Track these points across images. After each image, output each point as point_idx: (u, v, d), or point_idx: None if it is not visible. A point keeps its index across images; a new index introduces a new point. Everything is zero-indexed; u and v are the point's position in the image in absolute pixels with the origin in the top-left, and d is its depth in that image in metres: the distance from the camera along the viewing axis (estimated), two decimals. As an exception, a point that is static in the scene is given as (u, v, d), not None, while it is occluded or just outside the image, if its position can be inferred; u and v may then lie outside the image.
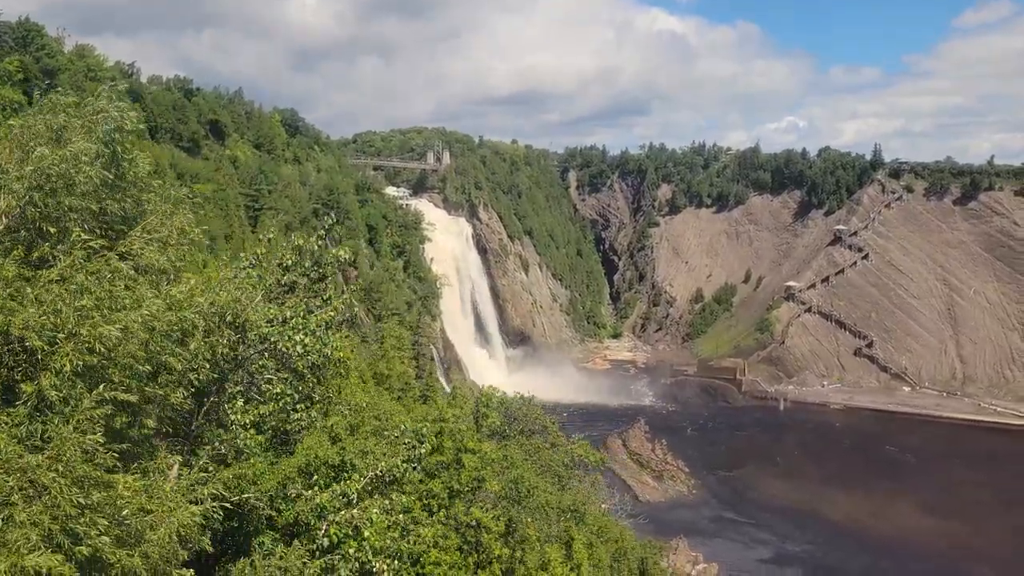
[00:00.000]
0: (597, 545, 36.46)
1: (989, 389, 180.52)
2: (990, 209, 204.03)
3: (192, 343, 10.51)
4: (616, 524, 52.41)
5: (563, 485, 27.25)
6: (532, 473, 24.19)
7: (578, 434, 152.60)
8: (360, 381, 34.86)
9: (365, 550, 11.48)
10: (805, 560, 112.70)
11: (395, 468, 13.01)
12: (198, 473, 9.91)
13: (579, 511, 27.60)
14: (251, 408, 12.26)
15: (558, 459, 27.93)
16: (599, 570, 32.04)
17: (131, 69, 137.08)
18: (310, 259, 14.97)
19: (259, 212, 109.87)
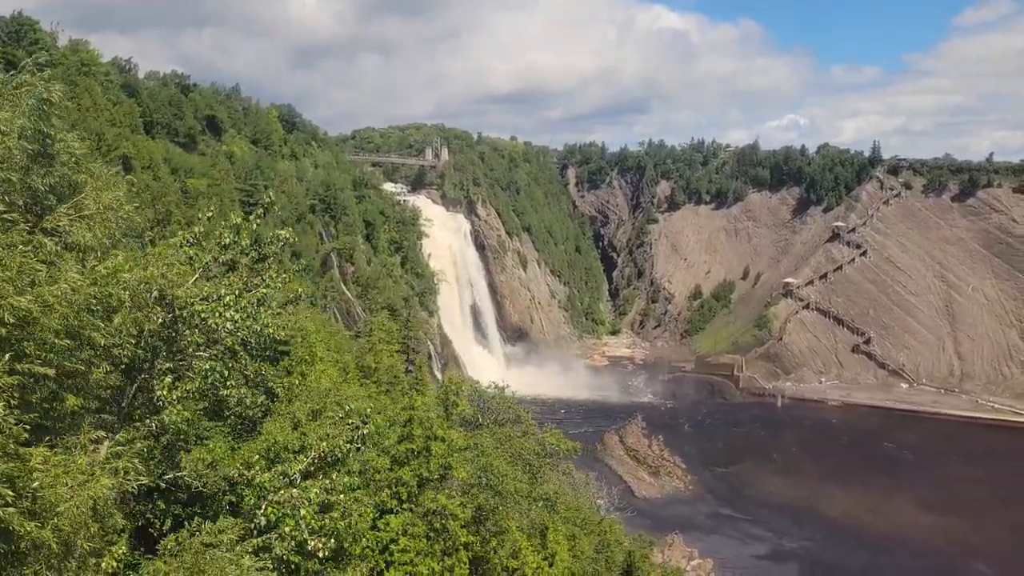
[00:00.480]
0: (580, 537, 36.52)
1: (987, 386, 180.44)
2: (988, 206, 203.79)
3: (117, 319, 10.42)
4: (606, 517, 52.45)
5: (534, 474, 27.22)
6: (502, 461, 24.17)
7: (576, 429, 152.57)
8: (342, 371, 34.82)
9: (301, 529, 11.44)
10: (801, 556, 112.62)
11: (337, 449, 12.96)
12: (115, 447, 9.82)
13: (551, 500, 27.54)
14: (179, 385, 12.18)
15: (529, 448, 27.89)
16: (579, 561, 32.04)
17: (128, 65, 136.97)
18: (248, 238, 14.82)
19: (254, 207, 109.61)
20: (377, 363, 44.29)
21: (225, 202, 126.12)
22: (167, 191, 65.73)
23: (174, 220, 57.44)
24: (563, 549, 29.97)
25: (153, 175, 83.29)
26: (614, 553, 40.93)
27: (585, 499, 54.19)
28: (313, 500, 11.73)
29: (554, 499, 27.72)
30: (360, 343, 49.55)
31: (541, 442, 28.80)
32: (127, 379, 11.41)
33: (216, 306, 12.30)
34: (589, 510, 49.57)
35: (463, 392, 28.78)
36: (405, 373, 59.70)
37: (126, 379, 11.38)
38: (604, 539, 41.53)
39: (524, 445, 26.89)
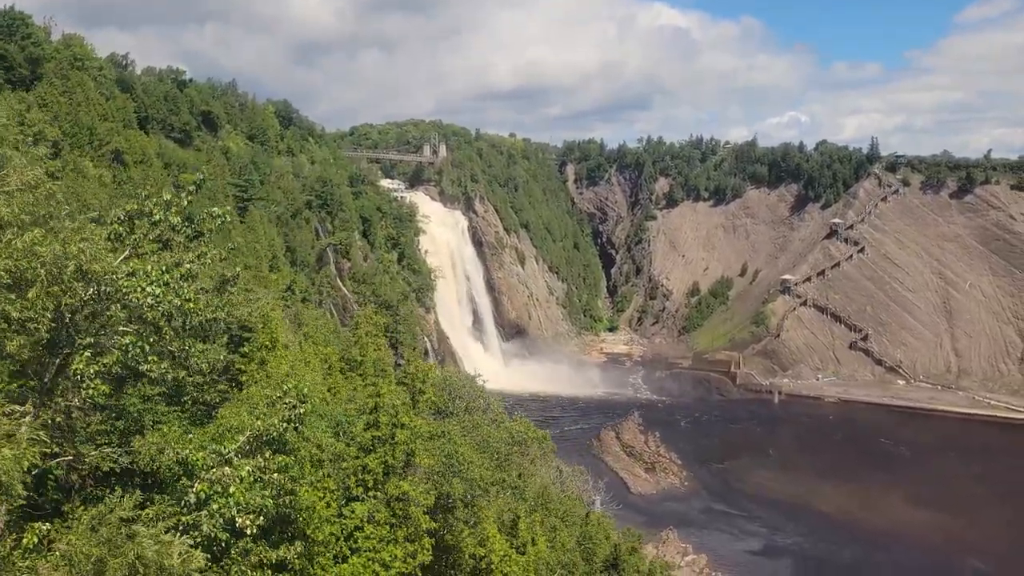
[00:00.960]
0: (561, 529, 36.57)
1: (984, 383, 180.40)
2: (986, 203, 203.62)
3: (32, 292, 10.43)
4: (592, 511, 52.52)
5: (501, 462, 27.22)
6: (469, 449, 24.21)
7: (572, 426, 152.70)
8: (323, 365, 34.80)
9: (230, 506, 11.46)
10: (795, 552, 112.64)
11: (272, 428, 12.96)
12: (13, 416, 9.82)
13: (519, 488, 27.57)
14: (98, 359, 12.18)
15: (497, 436, 27.87)
16: (557, 551, 32.08)
17: (125, 60, 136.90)
18: (179, 215, 14.78)
19: (248, 202, 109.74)
20: (363, 356, 44.15)
21: (166, 182, 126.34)
22: (146, 182, 65.61)
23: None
24: (541, 539, 30.01)
25: (145, 170, 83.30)
26: (596, 545, 40.93)
27: (572, 492, 54.17)
28: (245, 478, 11.76)
29: (523, 487, 27.73)
30: (345, 336, 49.53)
31: (510, 430, 28.77)
32: (49, 354, 11.43)
33: (139, 281, 12.29)
34: (573, 502, 49.55)
35: (429, 380, 28.83)
36: (395, 367, 59.83)
37: (48, 354, 11.40)
38: (586, 531, 41.58)
39: (492, 433, 26.91)
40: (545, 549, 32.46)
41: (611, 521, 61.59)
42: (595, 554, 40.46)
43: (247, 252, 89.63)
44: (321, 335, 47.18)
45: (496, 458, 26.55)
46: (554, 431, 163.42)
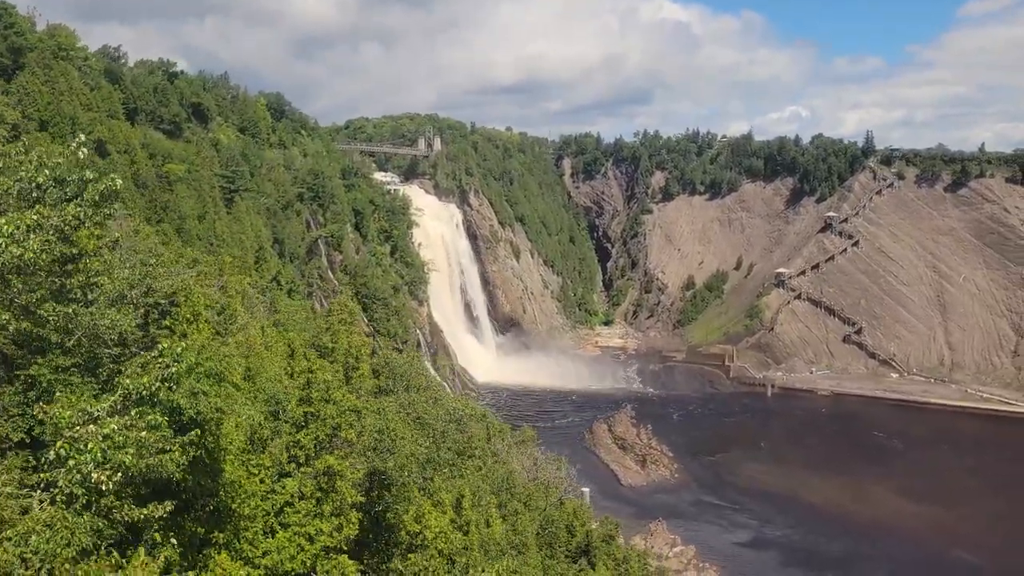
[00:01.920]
0: (523, 513, 36.61)
1: (977, 376, 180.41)
2: (981, 196, 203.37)
3: None
4: (567, 498, 52.58)
5: (439, 441, 27.21)
6: (404, 426, 24.19)
7: (565, 419, 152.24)
8: (286, 350, 34.72)
9: (86, 463, 11.45)
10: (784, 544, 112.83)
11: (142, 387, 12.93)
12: None
13: (457, 465, 27.58)
14: None
15: (434, 413, 27.84)
16: (517, 533, 32.09)
17: (116, 53, 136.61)
18: (47, 174, 14.63)
19: (235, 193, 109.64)
20: (335, 343, 44.07)
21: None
22: (114, 167, 65.49)
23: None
24: (496, 521, 30.06)
25: (130, 160, 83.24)
26: (559, 531, 41.01)
27: (546, 479, 54.23)
28: (111, 436, 11.74)
29: (461, 465, 27.76)
30: (318, 323, 49.54)
31: (447, 408, 28.73)
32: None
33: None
34: (541, 489, 49.56)
35: (363, 357, 28.78)
36: (371, 355, 59.78)
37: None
38: (550, 516, 41.71)
39: (428, 410, 26.89)
40: (500, 530, 32.57)
41: (589, 510, 61.62)
42: (558, 539, 40.62)
43: (231, 243, 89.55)
44: (294, 322, 47.15)
45: (431, 435, 26.51)
46: (547, 424, 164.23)
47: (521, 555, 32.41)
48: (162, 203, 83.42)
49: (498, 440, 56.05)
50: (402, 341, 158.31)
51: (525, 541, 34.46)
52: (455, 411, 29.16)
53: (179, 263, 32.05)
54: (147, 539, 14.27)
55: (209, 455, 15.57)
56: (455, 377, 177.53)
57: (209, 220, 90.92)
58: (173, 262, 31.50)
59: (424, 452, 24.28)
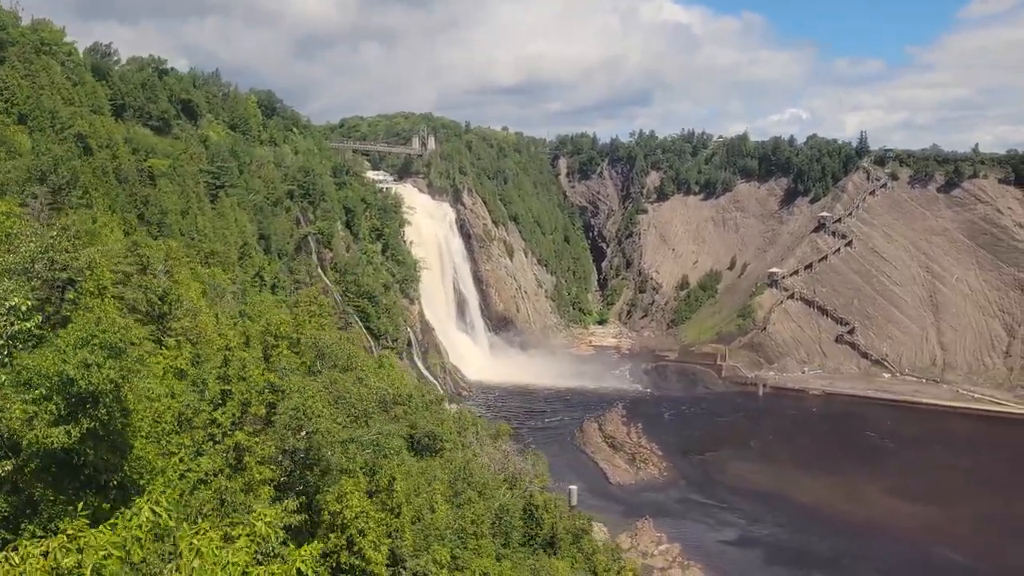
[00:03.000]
0: (476, 501, 36.59)
1: (968, 376, 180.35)
2: (974, 197, 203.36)
3: None
4: (541, 493, 52.51)
5: (358, 418, 27.11)
6: (322, 404, 24.14)
7: (556, 418, 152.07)
8: (242, 335, 34.70)
9: None
10: (771, 542, 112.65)
11: None
12: None
13: (381, 446, 27.54)
14: None
15: (356, 392, 27.74)
16: (471, 521, 32.03)
17: (107, 49, 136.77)
18: None
19: (220, 189, 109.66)
20: (299, 334, 44.11)
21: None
22: (70, 155, 65.38)
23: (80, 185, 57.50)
24: (442, 506, 30.06)
25: (112, 154, 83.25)
26: (513, 520, 41.01)
27: (515, 471, 54.15)
28: None
29: (385, 446, 27.72)
30: (283, 314, 49.51)
31: (373, 388, 28.66)
32: None
33: None
34: (499, 479, 49.51)
35: (283, 336, 28.73)
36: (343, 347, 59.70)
37: None
38: (504, 504, 41.72)
39: (350, 389, 26.87)
40: (445, 516, 32.64)
41: (563, 505, 61.56)
42: (515, 528, 40.64)
43: (214, 238, 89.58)
44: (258, 312, 47.16)
45: (352, 414, 26.42)
46: (536, 422, 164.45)
47: (464, 541, 32.40)
48: (142, 197, 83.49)
49: (471, 432, 56.02)
50: (392, 339, 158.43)
51: (479, 530, 34.46)
52: (382, 393, 29.00)
53: (115, 245, 32.05)
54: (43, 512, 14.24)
55: (105, 428, 15.50)
56: (446, 375, 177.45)
57: (192, 215, 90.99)
58: (103, 242, 31.51)
59: (341, 431, 24.23)
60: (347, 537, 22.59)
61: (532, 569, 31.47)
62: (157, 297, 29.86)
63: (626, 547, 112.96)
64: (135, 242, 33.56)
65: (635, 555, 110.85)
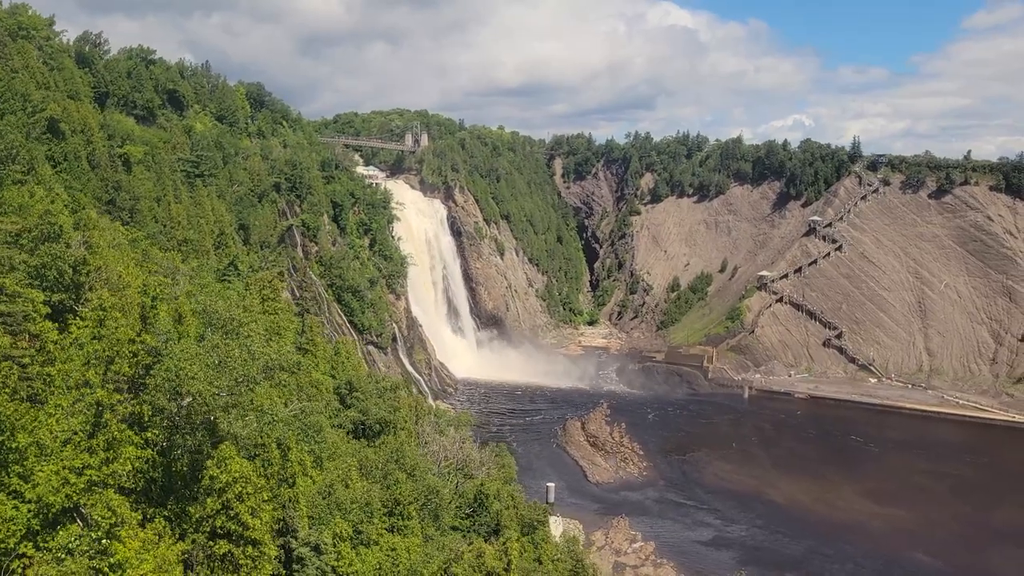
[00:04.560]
0: (404, 482, 36.63)
1: (955, 382, 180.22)
2: (965, 203, 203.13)
3: None
4: (485, 479, 52.47)
5: (240, 383, 27.08)
6: (200, 368, 24.14)
7: (538, 416, 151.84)
8: (174, 312, 34.70)
9: None
10: (744, 542, 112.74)
11: None
12: None
13: (264, 411, 27.55)
14: None
15: (238, 356, 27.65)
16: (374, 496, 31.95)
17: (97, 39, 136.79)
18: None
19: (199, 178, 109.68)
20: (248, 317, 44.24)
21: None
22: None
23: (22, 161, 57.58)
24: (357, 482, 30.06)
25: (86, 140, 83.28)
26: (443, 503, 41.09)
27: (464, 457, 54.14)
28: None
29: (273, 413, 27.72)
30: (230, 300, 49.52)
31: (255, 354, 28.66)
32: None
33: None
34: (439, 462, 49.57)
35: (161, 299, 28.73)
36: (300, 333, 59.97)
37: None
38: (433, 487, 41.77)
39: (232, 354, 26.85)
40: (361, 491, 32.73)
41: (520, 496, 61.58)
42: (444, 509, 40.71)
43: (187, 225, 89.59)
44: (205, 294, 47.26)
45: (233, 378, 26.34)
46: (520, 420, 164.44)
47: (371, 516, 32.46)
48: (113, 182, 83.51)
49: (426, 421, 56.03)
50: (377, 334, 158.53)
51: (404, 510, 34.51)
52: (267, 359, 28.91)
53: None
54: None
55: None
56: (431, 372, 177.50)
57: (166, 203, 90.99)
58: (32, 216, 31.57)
59: (218, 395, 24.21)
60: (223, 501, 22.66)
61: (440, 546, 31.48)
62: (69, 267, 29.89)
63: (600, 544, 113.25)
64: (48, 211, 33.53)
65: (608, 552, 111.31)
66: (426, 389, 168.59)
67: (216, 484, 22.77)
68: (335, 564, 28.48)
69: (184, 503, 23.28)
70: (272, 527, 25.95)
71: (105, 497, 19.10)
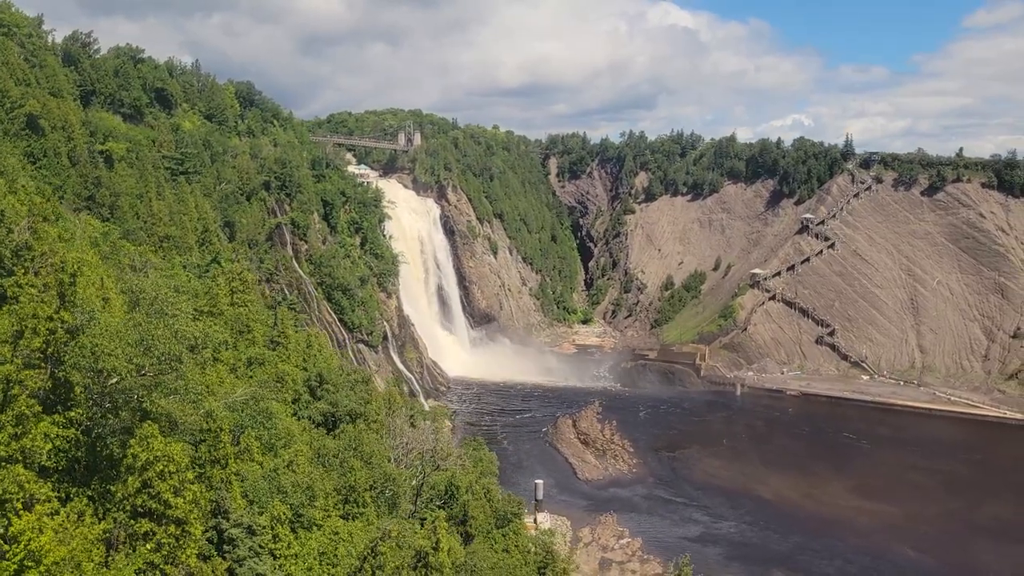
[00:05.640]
0: (359, 469, 36.67)
1: (946, 379, 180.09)
2: (957, 201, 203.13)
3: None
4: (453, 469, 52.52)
5: (173, 365, 27.02)
6: (120, 345, 24.10)
7: (528, 414, 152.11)
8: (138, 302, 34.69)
9: None
10: (732, 538, 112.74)
11: None
12: None
13: (186, 390, 27.51)
14: None
15: (161, 335, 27.60)
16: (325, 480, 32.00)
17: (88, 38, 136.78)
18: None
19: (183, 175, 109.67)
20: (212, 307, 44.37)
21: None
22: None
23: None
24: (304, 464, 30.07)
25: (67, 136, 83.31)
26: (400, 491, 41.21)
27: (432, 448, 54.11)
28: None
29: (200, 393, 27.71)
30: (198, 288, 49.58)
31: (177, 332, 28.55)
32: None
33: None
34: (406, 452, 49.70)
35: (81, 273, 28.63)
36: (273, 326, 60.01)
37: None
38: (386, 472, 41.90)
39: (153, 332, 26.73)
40: (307, 473, 32.88)
41: (496, 489, 61.65)
42: (400, 496, 40.81)
43: (168, 222, 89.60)
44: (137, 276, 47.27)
45: (156, 356, 26.23)
46: (511, 418, 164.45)
47: (313, 500, 32.51)
48: (93, 178, 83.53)
49: (400, 413, 56.07)
50: (367, 332, 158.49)
51: (359, 497, 34.55)
52: (195, 339, 28.84)
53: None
54: None
55: None
56: (423, 370, 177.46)
57: (147, 199, 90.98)
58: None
59: (141, 374, 24.16)
60: (143, 480, 22.64)
61: (381, 529, 31.53)
62: (11, 252, 29.89)
63: (587, 541, 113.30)
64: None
65: (595, 548, 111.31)
66: (417, 387, 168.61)
67: (137, 462, 22.77)
68: (273, 547, 28.51)
69: (108, 483, 23.25)
70: (206, 508, 26.00)
71: (12, 472, 19.10)
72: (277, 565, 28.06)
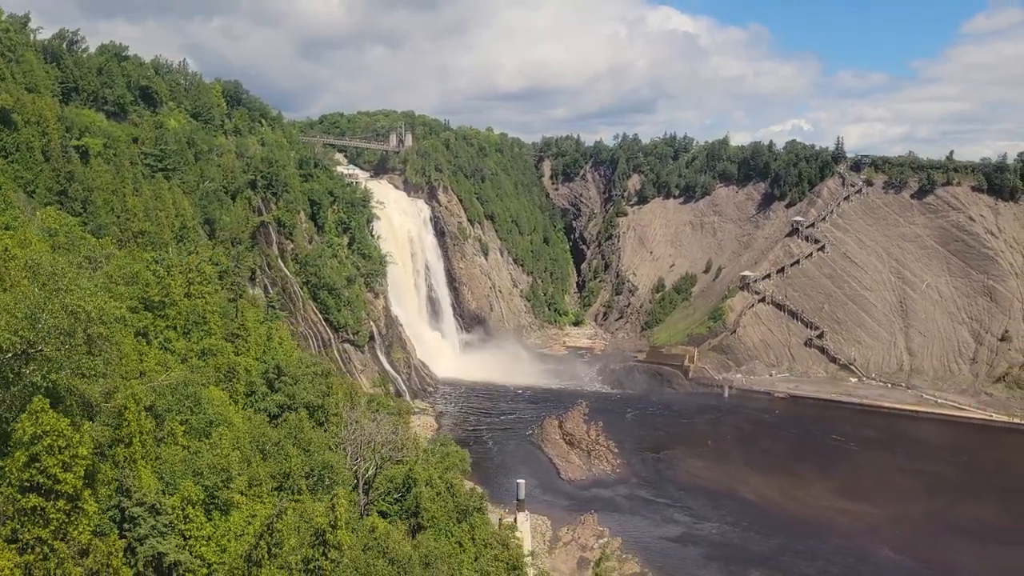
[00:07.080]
0: (295, 457, 36.46)
1: (935, 382, 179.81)
2: (947, 204, 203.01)
3: None
4: (414, 461, 52.30)
5: (63, 340, 26.83)
6: (5, 318, 23.92)
7: (513, 415, 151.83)
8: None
9: None
10: (713, 539, 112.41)
11: None
12: None
13: (83, 365, 27.37)
14: None
15: (52, 309, 27.39)
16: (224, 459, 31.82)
17: (75, 36, 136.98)
18: None
19: (162, 172, 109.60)
20: (163, 298, 44.20)
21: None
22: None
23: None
24: (226, 451, 29.81)
25: (41, 131, 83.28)
26: (338, 476, 41.09)
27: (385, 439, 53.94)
28: None
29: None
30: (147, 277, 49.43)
31: (68, 306, 28.15)
32: None
33: None
34: (354, 441, 49.57)
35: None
36: (234, 318, 59.75)
37: None
38: (327, 462, 41.77)
39: (43, 306, 26.51)
40: (224, 456, 32.73)
41: (460, 483, 61.44)
42: (338, 484, 40.71)
43: (143, 218, 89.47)
44: (120, 275, 47.21)
45: (45, 329, 25.99)
46: (496, 419, 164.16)
47: (226, 481, 32.38)
48: (66, 173, 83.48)
49: (362, 406, 55.96)
50: (353, 332, 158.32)
51: (295, 484, 34.43)
52: (87, 313, 28.48)
53: None
54: None
55: None
56: (411, 371, 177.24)
57: (121, 194, 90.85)
58: None
59: (30, 347, 23.96)
60: (31, 454, 22.47)
61: (277, 506, 31.42)
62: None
63: (566, 540, 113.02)
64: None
65: (574, 547, 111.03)
66: (404, 388, 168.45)
67: (25, 436, 22.62)
68: (183, 527, 28.34)
69: (1, 459, 23.10)
70: (112, 487, 25.81)
71: None
72: (187, 546, 27.94)
